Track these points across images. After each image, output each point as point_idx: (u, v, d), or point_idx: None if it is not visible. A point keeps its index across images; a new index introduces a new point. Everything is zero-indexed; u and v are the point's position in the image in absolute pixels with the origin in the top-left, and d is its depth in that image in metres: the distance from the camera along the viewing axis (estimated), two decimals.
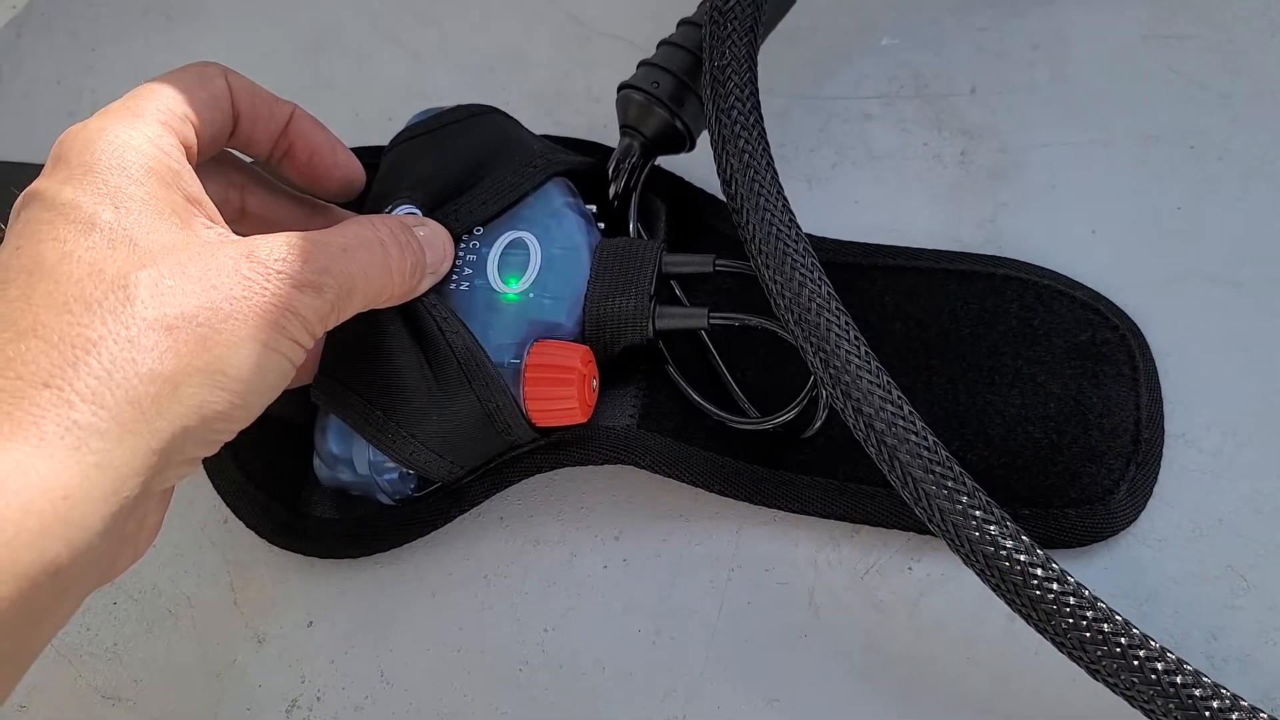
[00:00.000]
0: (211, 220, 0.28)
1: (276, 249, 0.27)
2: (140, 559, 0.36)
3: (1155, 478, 0.34)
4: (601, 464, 0.35)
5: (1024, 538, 0.29)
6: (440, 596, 0.36)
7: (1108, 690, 0.29)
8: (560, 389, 0.33)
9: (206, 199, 0.28)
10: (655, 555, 0.36)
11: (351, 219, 0.31)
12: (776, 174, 0.34)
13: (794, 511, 0.35)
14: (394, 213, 0.34)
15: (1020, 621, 0.32)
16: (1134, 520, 0.34)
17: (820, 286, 0.32)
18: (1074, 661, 0.29)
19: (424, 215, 0.34)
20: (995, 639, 0.33)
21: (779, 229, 0.32)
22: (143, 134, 0.27)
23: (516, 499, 0.37)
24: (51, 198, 0.25)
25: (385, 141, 0.38)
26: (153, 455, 0.23)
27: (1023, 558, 0.29)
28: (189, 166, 0.28)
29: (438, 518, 0.35)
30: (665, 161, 0.41)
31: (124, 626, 0.36)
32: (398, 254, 0.30)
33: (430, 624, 0.35)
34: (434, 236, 0.33)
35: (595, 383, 0.34)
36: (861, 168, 0.42)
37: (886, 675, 0.33)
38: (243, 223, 0.33)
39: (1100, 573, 0.34)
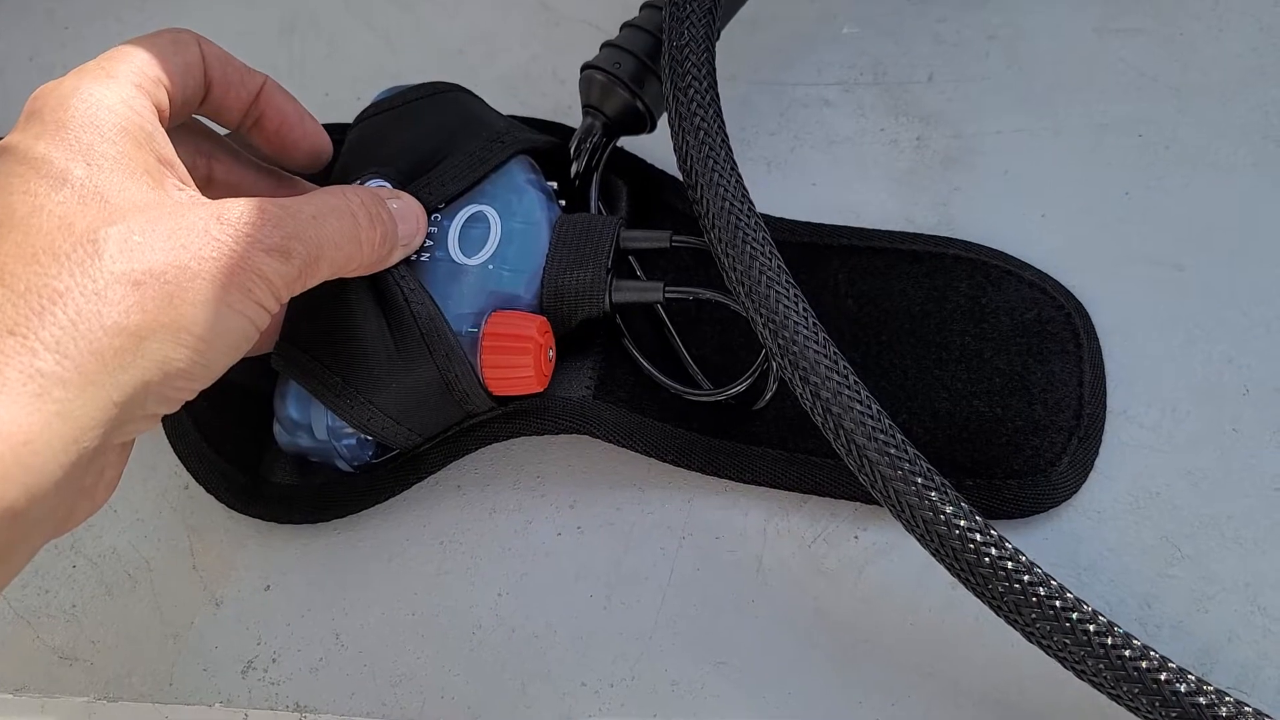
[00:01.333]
0: (183, 182, 0.28)
1: (246, 212, 0.27)
2: (98, 516, 0.37)
3: (1096, 451, 0.35)
4: (558, 434, 0.35)
5: (963, 504, 0.30)
6: (396, 562, 0.36)
7: (1043, 653, 0.29)
8: (517, 358, 0.33)
9: (178, 161, 0.29)
10: (608, 523, 0.36)
11: (324, 189, 0.31)
12: (731, 151, 0.35)
13: (744, 482, 0.36)
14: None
15: (961, 589, 0.32)
16: (1075, 492, 0.35)
17: (771, 260, 0.33)
18: (1010, 625, 0.30)
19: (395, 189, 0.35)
20: (937, 606, 0.34)
21: (732, 204, 0.33)
22: (116, 94, 0.27)
23: (474, 467, 0.38)
24: (24, 152, 0.26)
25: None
26: (113, 407, 0.24)
27: (961, 523, 0.30)
28: (161, 128, 0.29)
29: (395, 485, 0.36)
30: (627, 143, 0.42)
31: (83, 589, 0.36)
32: (368, 224, 0.31)
33: (386, 588, 0.36)
34: (406, 209, 0.33)
35: (552, 353, 0.35)
36: (820, 151, 0.43)
37: (831, 640, 0.34)
38: (209, 190, 0.34)
39: (1041, 543, 0.35)
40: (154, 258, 0.25)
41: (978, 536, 0.30)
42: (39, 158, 0.25)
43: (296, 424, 0.34)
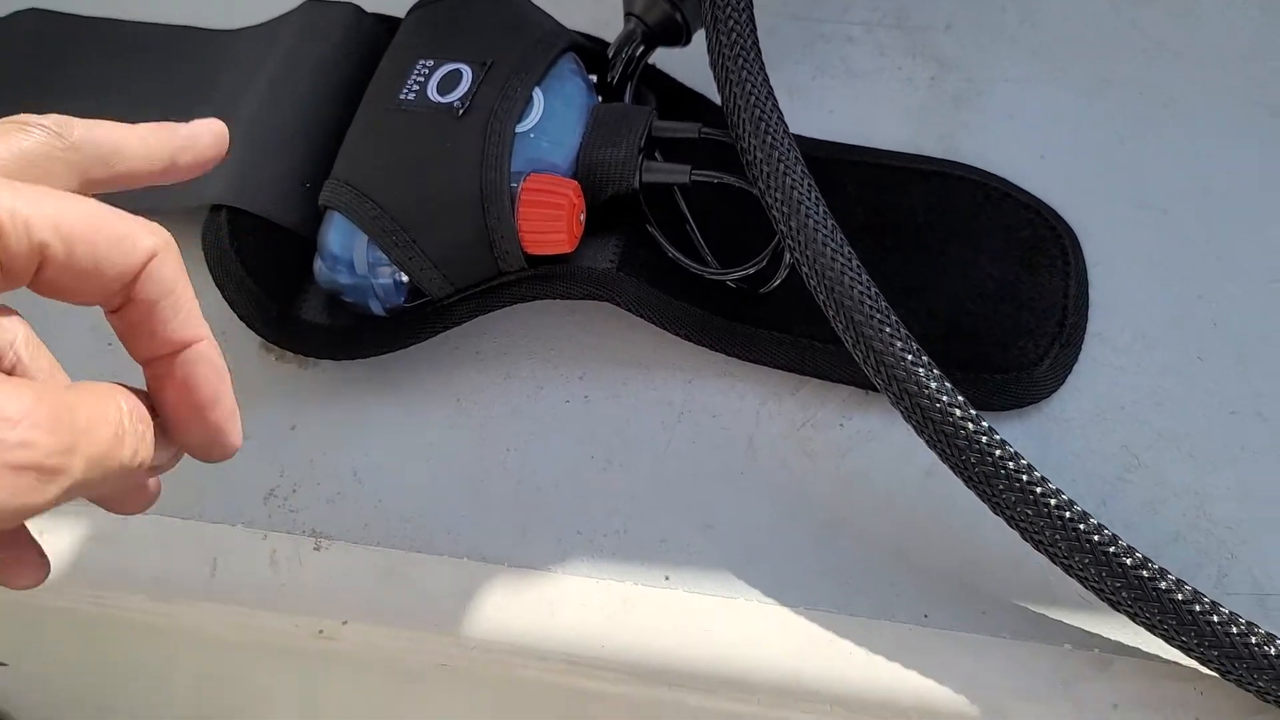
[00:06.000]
0: None
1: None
2: None
3: (1076, 357, 0.38)
4: (581, 299, 0.38)
5: (946, 382, 0.33)
6: (415, 414, 0.39)
7: (1004, 533, 0.32)
8: (551, 213, 0.36)
9: None
10: (614, 396, 0.39)
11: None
12: (760, 52, 0.37)
13: (749, 360, 0.38)
14: (416, 69, 0.38)
15: (936, 476, 0.35)
16: (1054, 392, 0.38)
17: (789, 151, 0.35)
18: (979, 496, 0.32)
19: (438, 69, 0.38)
20: (911, 491, 0.37)
21: (757, 97, 0.36)
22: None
23: (493, 336, 0.40)
24: None
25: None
26: None
27: (944, 399, 0.32)
28: None
29: (422, 331, 0.38)
30: (660, 61, 0.45)
31: None
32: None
33: (403, 436, 0.38)
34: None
35: (582, 217, 0.38)
36: (839, 82, 0.46)
37: (811, 514, 0.36)
38: None
39: (1012, 441, 0.37)
40: None
41: (957, 412, 0.32)
42: None
43: (337, 259, 0.36)
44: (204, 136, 0.30)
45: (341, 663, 0.38)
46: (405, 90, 0.38)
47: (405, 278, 0.38)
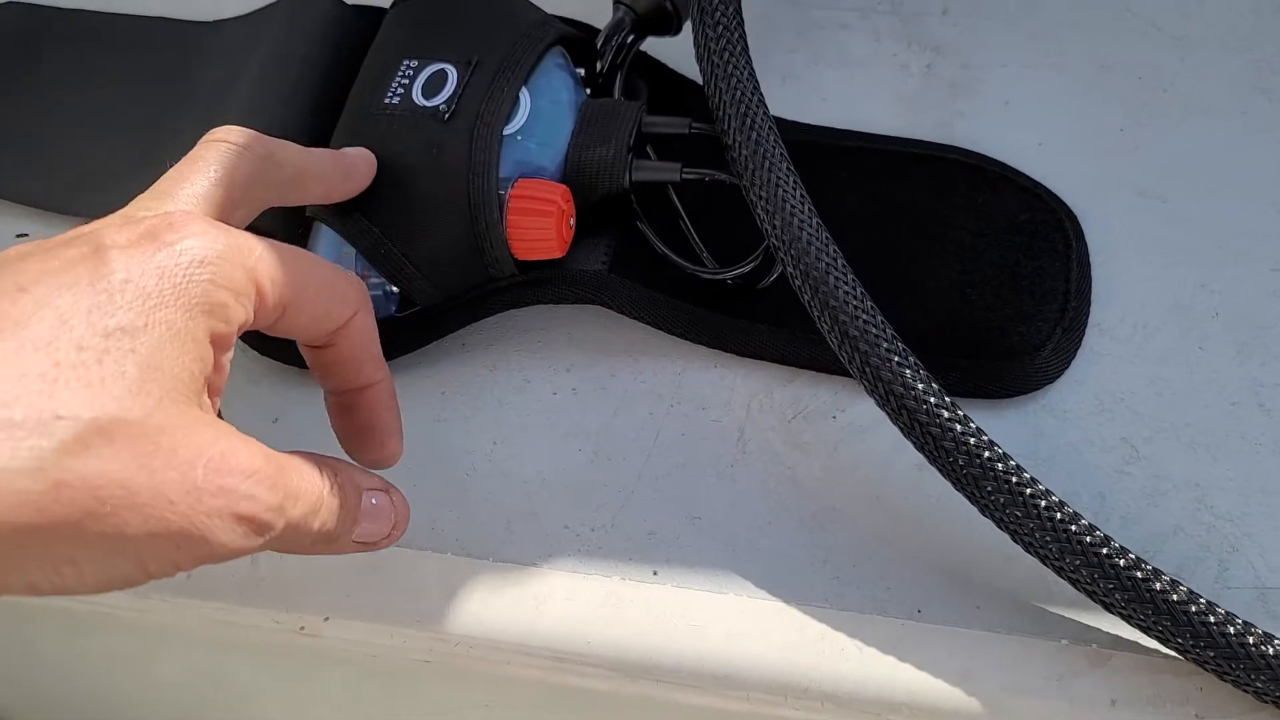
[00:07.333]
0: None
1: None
2: None
3: (1079, 342, 0.37)
4: (574, 303, 0.38)
5: (933, 383, 0.32)
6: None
7: (996, 533, 0.31)
8: (539, 220, 0.36)
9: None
10: (602, 388, 0.38)
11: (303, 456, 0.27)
12: (746, 45, 0.37)
13: (745, 355, 0.38)
14: (400, 70, 0.37)
15: (930, 469, 0.34)
16: (1057, 378, 0.37)
17: (774, 148, 0.35)
18: (968, 498, 0.32)
19: (423, 70, 0.37)
20: (903, 485, 0.36)
21: (743, 93, 0.35)
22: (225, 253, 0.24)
23: (479, 328, 0.40)
24: (102, 269, 0.23)
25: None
26: None
27: (931, 400, 0.32)
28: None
29: (413, 340, 0.38)
30: (651, 48, 0.44)
31: None
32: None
33: None
34: (381, 510, 0.30)
35: (572, 221, 0.37)
36: (833, 70, 0.45)
37: (801, 506, 0.36)
38: None
39: (1006, 435, 0.36)
40: (106, 468, 0.21)
41: (944, 413, 0.31)
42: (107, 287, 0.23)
43: None
44: (361, 166, 0.35)
45: (324, 660, 0.37)
46: (390, 94, 0.37)
47: (395, 289, 0.37)
